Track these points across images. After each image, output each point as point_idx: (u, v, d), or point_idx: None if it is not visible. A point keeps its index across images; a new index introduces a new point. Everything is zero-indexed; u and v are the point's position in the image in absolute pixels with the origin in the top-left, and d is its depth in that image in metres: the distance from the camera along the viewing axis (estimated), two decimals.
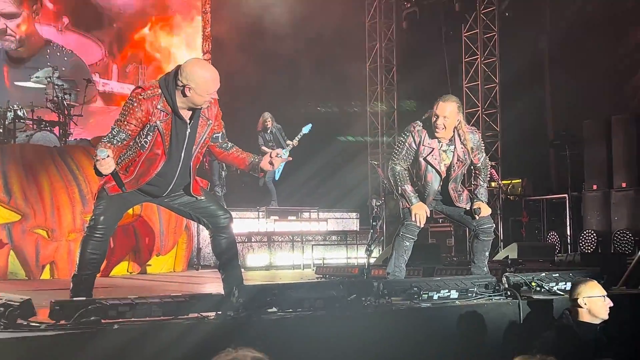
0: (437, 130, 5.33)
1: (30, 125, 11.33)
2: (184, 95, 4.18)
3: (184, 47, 15.51)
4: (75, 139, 11.42)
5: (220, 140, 4.58)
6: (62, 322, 3.33)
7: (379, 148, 15.16)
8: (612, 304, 4.23)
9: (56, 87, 11.31)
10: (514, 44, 13.53)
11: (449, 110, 5.31)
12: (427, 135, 5.41)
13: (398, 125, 14.98)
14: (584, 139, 12.00)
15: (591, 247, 11.32)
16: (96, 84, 14.22)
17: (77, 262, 4.37)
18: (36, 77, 11.87)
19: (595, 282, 4.33)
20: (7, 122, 10.76)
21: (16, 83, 12.01)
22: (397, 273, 5.42)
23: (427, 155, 5.42)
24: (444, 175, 5.50)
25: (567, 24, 13.67)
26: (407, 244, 5.49)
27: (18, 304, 3.36)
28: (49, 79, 11.38)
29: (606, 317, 4.22)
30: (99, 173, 4.00)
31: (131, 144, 4.25)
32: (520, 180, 13.42)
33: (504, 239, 12.79)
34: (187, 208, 4.58)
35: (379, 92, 15.17)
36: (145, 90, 4.21)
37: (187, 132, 4.31)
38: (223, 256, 4.63)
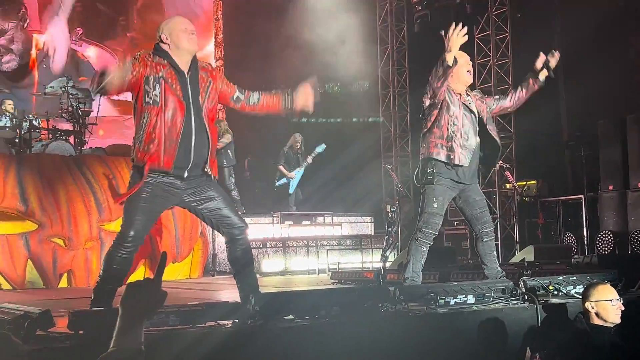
0: (469, 76, 5.65)
1: (46, 135, 11.42)
2: (166, 39, 4.43)
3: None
4: (91, 147, 11.50)
5: (242, 99, 4.64)
6: (81, 332, 3.36)
7: (393, 152, 15.14)
8: (623, 308, 4.21)
9: (71, 96, 11.40)
10: (526, 45, 13.47)
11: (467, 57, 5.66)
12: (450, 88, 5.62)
13: (411, 128, 14.95)
14: (599, 139, 11.93)
15: (608, 248, 11.24)
16: None
17: (101, 275, 4.34)
18: (50, 86, 11.99)
19: (607, 285, 4.31)
20: (22, 132, 10.85)
21: (30, 94, 12.10)
22: (415, 278, 5.42)
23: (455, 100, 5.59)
24: (477, 117, 5.66)
25: (579, 23, 13.60)
26: (425, 249, 5.49)
27: (37, 315, 3.39)
28: (63, 89, 11.47)
29: (618, 320, 4.20)
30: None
31: (143, 109, 4.29)
32: (535, 182, 13.36)
33: (520, 241, 12.73)
34: (210, 215, 4.55)
35: (392, 96, 15.16)
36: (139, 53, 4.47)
37: (188, 81, 4.39)
38: (238, 264, 4.62)
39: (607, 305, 4.18)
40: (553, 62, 5.78)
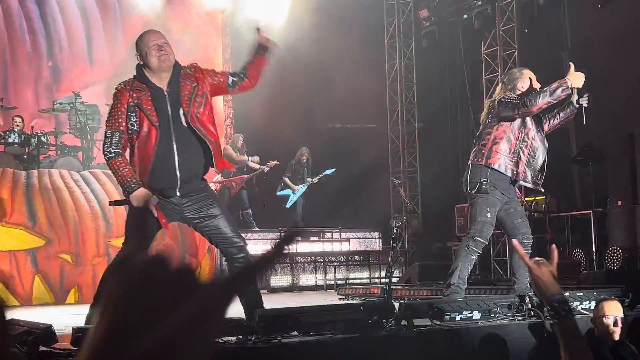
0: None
1: (54, 151, 11.46)
2: (141, 60, 4.32)
3: None
4: (99, 163, 11.52)
5: (237, 81, 4.57)
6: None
7: (401, 167, 15.12)
8: (620, 325, 4.18)
9: (79, 112, 11.45)
10: (534, 61, 13.47)
11: None
12: None
13: (420, 144, 14.94)
14: (608, 154, 11.88)
15: (617, 264, 11.16)
16: None
17: (98, 292, 4.31)
18: (59, 103, 12.04)
19: (616, 301, 4.29)
20: (31, 148, 10.90)
21: (39, 110, 12.17)
22: (460, 285, 5.46)
23: None
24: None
25: (587, 39, 13.61)
26: (474, 257, 5.59)
27: (40, 331, 3.39)
28: (71, 105, 11.53)
29: (616, 337, 4.17)
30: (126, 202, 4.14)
31: (129, 137, 4.31)
32: (543, 197, 13.29)
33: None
34: (209, 232, 4.56)
35: (399, 111, 15.16)
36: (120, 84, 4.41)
37: (167, 97, 4.33)
38: None
39: (604, 320, 4.17)
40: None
